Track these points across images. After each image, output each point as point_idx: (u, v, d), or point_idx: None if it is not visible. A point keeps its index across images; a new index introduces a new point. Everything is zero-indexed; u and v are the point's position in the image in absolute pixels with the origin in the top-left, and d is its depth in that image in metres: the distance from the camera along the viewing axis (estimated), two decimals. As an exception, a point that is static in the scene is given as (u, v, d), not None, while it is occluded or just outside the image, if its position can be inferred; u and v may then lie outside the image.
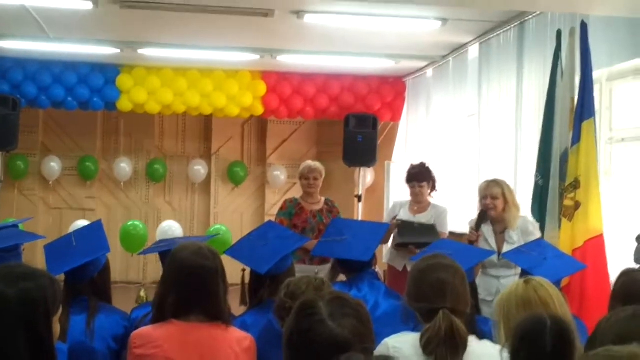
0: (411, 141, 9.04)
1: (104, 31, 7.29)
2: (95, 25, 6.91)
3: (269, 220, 5.08)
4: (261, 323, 3.17)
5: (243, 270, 3.58)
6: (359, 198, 9.03)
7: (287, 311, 2.22)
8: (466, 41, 7.10)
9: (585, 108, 4.68)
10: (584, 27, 4.74)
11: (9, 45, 7.79)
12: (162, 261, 3.44)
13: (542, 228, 4.98)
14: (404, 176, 5.99)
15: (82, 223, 8.31)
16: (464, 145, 7.23)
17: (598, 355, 1.50)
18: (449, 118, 7.72)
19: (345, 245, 3.91)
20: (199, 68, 8.76)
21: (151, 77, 8.75)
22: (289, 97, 9.08)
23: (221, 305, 2.81)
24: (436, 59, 8.01)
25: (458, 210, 6.84)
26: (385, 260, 6.17)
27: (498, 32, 6.43)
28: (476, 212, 5.25)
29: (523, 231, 5.03)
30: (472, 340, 2.54)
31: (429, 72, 8.49)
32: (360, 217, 8.81)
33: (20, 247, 3.76)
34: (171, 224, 9.35)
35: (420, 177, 5.86)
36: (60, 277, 2.90)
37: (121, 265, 9.38)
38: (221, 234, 8.38)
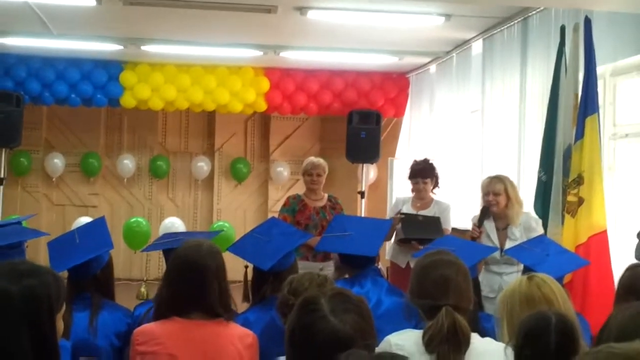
0: (414, 137, 9.03)
1: (107, 28, 7.29)
2: (98, 21, 6.91)
3: (272, 216, 5.08)
4: (264, 320, 3.16)
5: (246, 266, 3.58)
6: (362, 194, 9.02)
7: (290, 308, 2.22)
8: (470, 37, 7.09)
9: (588, 104, 4.68)
10: (588, 23, 4.72)
11: (13, 41, 7.81)
12: (166, 257, 3.45)
13: (546, 224, 4.97)
14: (407, 172, 5.99)
15: (85, 220, 8.31)
16: (468, 141, 7.22)
17: (600, 352, 1.50)
18: (453, 114, 7.71)
19: (350, 240, 3.85)
20: (202, 64, 8.76)
21: (154, 74, 8.75)
22: (292, 93, 9.08)
23: (223, 302, 2.82)
24: (440, 55, 8.00)
25: (461, 206, 6.83)
26: (388, 256, 6.17)
27: (502, 28, 6.42)
28: (479, 209, 5.25)
29: (525, 227, 5.02)
30: (475, 337, 2.54)
31: (433, 68, 8.47)
32: (363, 214, 8.79)
33: (23, 244, 3.76)
34: (174, 221, 9.36)
35: (424, 173, 5.85)
36: (63, 274, 2.91)
37: (124, 261, 9.39)
38: (225, 230, 8.37)
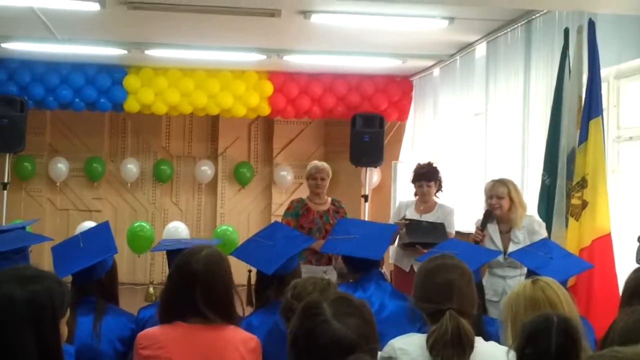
0: (418, 140, 9.02)
1: (111, 32, 7.30)
2: (102, 26, 6.92)
3: (276, 220, 5.07)
4: (267, 324, 3.16)
5: (249, 271, 3.57)
6: (366, 198, 9.01)
7: (293, 312, 2.22)
8: (473, 40, 7.08)
9: (592, 106, 4.66)
10: (592, 25, 4.72)
11: (16, 46, 7.82)
12: (169, 262, 3.45)
13: (549, 227, 4.95)
14: (411, 176, 5.98)
15: (89, 224, 8.33)
16: (471, 144, 7.22)
17: (604, 356, 1.50)
18: (456, 117, 7.71)
19: (356, 243, 3.84)
20: (206, 68, 8.77)
21: (158, 78, 8.76)
22: (296, 97, 9.08)
23: (215, 309, 2.81)
24: (443, 58, 7.99)
25: (465, 209, 6.82)
26: (391, 260, 6.16)
27: (505, 31, 6.41)
28: (482, 212, 5.24)
29: (529, 230, 5.01)
30: (479, 341, 2.53)
31: (436, 71, 8.47)
32: (367, 217, 8.80)
33: (27, 249, 3.76)
34: (177, 225, 9.36)
35: (428, 177, 5.84)
36: (67, 278, 2.91)
37: (128, 266, 9.41)
38: (224, 242, 8.23)
